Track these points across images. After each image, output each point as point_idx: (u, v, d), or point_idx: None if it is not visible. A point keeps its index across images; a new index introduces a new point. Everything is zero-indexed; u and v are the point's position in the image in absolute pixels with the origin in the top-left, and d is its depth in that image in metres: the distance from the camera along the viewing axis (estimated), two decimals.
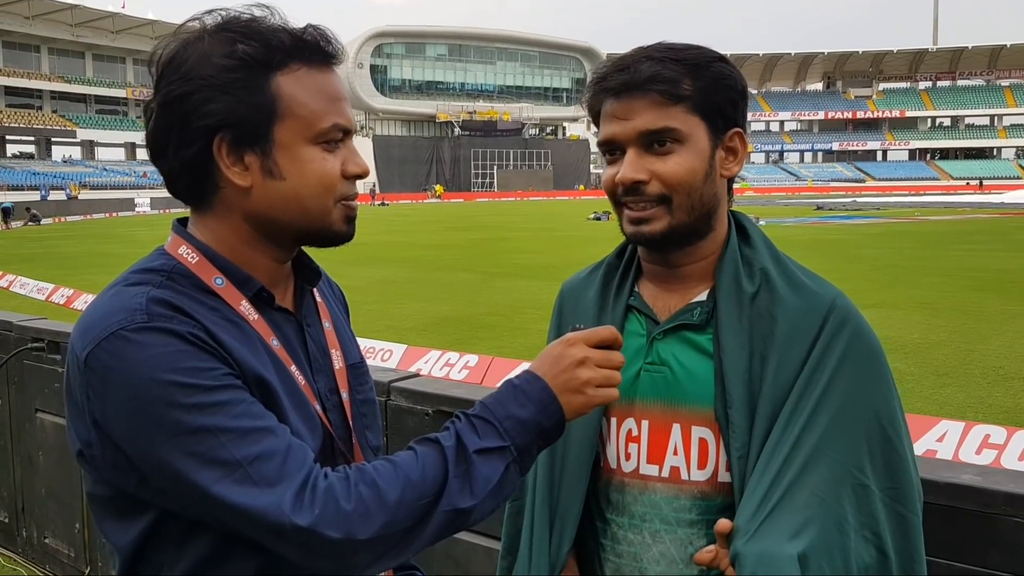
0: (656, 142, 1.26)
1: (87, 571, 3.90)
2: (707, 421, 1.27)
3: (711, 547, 1.18)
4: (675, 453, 1.29)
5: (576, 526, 1.34)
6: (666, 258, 1.35)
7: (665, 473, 1.30)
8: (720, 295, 1.30)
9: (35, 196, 49.46)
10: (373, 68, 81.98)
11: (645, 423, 1.31)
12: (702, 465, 1.28)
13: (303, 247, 1.26)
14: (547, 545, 1.35)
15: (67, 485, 3.91)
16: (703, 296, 1.33)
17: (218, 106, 1.10)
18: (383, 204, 64.62)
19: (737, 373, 1.25)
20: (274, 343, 1.17)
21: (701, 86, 1.26)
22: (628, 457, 1.33)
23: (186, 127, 1.11)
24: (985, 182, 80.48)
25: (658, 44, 1.30)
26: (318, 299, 1.32)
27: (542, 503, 1.38)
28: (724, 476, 1.27)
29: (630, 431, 1.33)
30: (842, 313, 1.26)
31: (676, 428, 1.29)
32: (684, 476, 1.29)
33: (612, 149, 1.31)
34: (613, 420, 1.35)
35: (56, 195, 52.07)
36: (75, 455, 1.12)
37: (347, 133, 1.18)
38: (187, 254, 1.16)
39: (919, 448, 4.97)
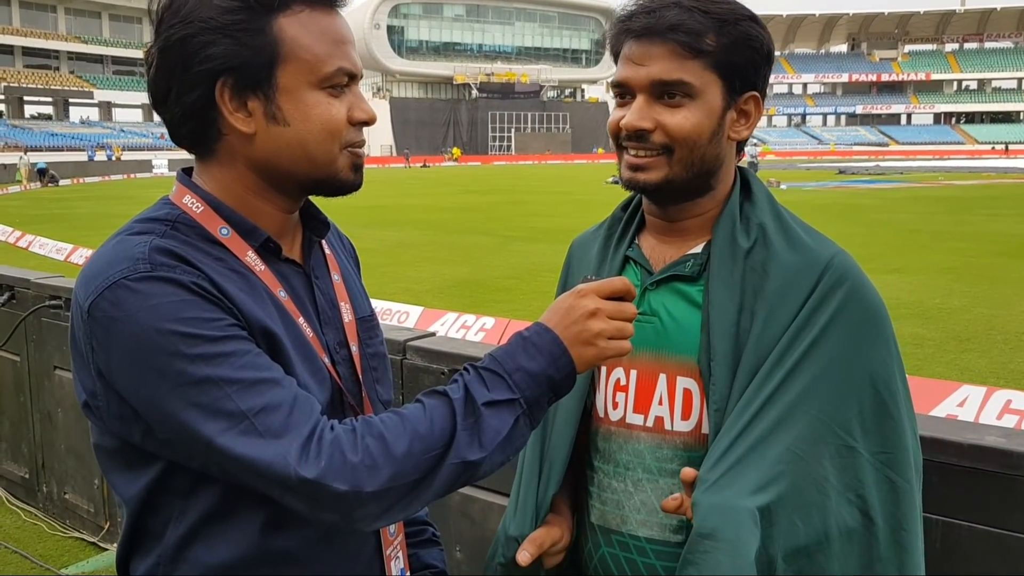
0: (667, 93, 1.24)
1: (107, 526, 3.96)
2: (692, 372, 1.27)
3: (677, 495, 1.19)
4: (660, 403, 1.29)
5: (563, 470, 1.35)
6: (664, 211, 1.34)
7: (650, 423, 1.30)
8: (714, 248, 1.29)
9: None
10: (390, 29, 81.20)
11: (634, 372, 1.32)
12: (686, 416, 1.28)
13: (312, 198, 1.23)
14: (535, 487, 1.36)
15: (86, 441, 3.95)
16: (698, 248, 1.32)
17: (219, 49, 1.07)
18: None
19: (724, 326, 1.23)
20: (281, 295, 1.14)
21: (725, 43, 1.23)
22: (616, 406, 1.33)
23: (187, 71, 1.08)
24: (1011, 146, 79.19)
25: None
26: (327, 251, 1.29)
27: (533, 447, 1.40)
28: (707, 428, 1.26)
29: (618, 380, 1.33)
30: (839, 271, 1.23)
31: (662, 378, 1.29)
32: (668, 426, 1.29)
33: (623, 92, 1.29)
34: (603, 369, 1.35)
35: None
36: (81, 406, 1.11)
37: (353, 78, 1.15)
38: (192, 203, 1.14)
39: (939, 412, 4.92)
